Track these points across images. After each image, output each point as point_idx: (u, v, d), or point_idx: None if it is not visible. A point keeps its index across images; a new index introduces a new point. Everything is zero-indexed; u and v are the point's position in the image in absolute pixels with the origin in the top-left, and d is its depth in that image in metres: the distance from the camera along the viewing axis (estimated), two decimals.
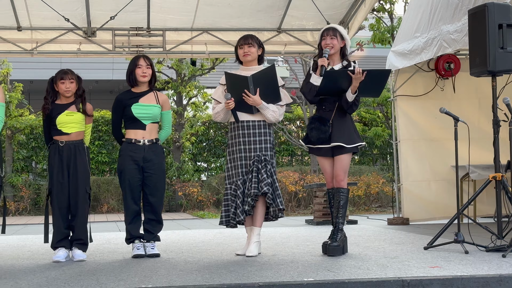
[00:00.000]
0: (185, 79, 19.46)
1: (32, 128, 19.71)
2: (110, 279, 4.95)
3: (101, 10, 9.19)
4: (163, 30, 9.90)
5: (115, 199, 18.61)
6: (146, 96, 6.52)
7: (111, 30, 9.75)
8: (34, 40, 9.76)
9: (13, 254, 6.97)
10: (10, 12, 9.12)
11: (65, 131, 6.29)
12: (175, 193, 18.84)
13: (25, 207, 18.40)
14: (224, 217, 6.32)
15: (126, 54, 10.20)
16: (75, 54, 9.98)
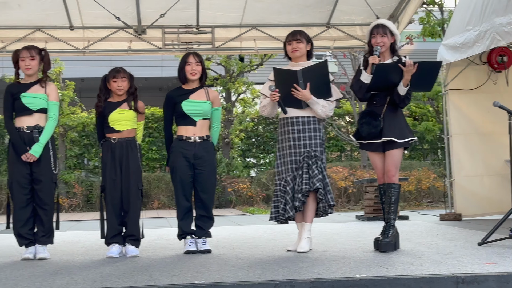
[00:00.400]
0: (233, 76, 19.53)
1: (84, 125, 20.01)
2: (163, 275, 5.00)
3: (151, 8, 9.27)
4: (212, 27, 9.94)
5: (166, 195, 18.79)
6: (197, 92, 6.55)
7: (161, 28, 9.83)
8: (86, 39, 9.90)
9: (68, 250, 7.08)
10: (63, 11, 9.27)
11: (117, 129, 6.37)
12: (224, 189, 18.93)
13: (77, 204, 18.70)
14: (274, 213, 6.33)
15: (175, 52, 10.28)
16: (126, 52, 10.09)
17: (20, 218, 6.25)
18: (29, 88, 6.31)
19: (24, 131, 6.24)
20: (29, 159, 6.18)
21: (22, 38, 9.67)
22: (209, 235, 6.56)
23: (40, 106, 6.28)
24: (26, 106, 6.23)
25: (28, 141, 6.22)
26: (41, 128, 6.28)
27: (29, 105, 6.24)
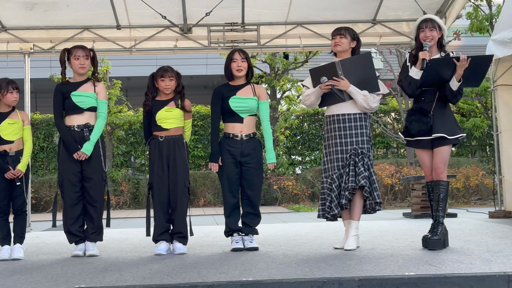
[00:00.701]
0: (278, 73, 19.52)
1: (130, 123, 20.22)
2: (211, 272, 5.02)
3: (196, 7, 9.33)
4: (258, 24, 9.97)
5: (211, 193, 18.89)
6: (243, 89, 6.56)
7: (207, 26, 9.88)
8: (133, 38, 10.01)
9: (117, 247, 7.17)
10: (110, 12, 9.39)
11: (165, 127, 6.42)
12: (270, 186, 18.95)
13: (125, 201, 18.91)
14: (321, 210, 6.31)
15: (221, 50, 10.32)
16: (172, 50, 10.17)
17: (71, 216, 6.35)
18: (79, 87, 6.40)
19: (74, 130, 6.34)
20: (81, 157, 6.28)
21: (70, 38, 9.82)
22: (256, 232, 6.58)
23: (90, 104, 6.37)
24: (76, 105, 6.33)
25: (79, 140, 6.31)
26: (91, 127, 6.37)
27: (80, 104, 6.33)
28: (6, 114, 6.39)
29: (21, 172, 6.34)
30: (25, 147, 6.44)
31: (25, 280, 4.87)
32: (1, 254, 6.27)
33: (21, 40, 9.83)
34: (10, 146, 6.35)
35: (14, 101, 6.39)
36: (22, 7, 9.19)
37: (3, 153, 6.32)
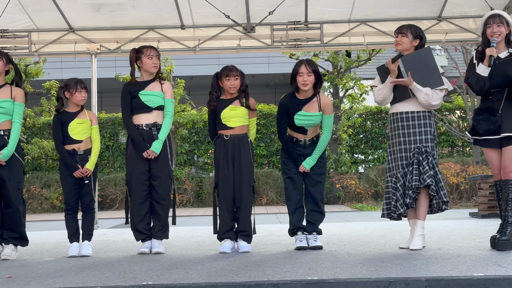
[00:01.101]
0: (341, 71, 19.42)
1: (193, 122, 20.41)
2: (276, 270, 5.04)
3: (260, 6, 9.36)
4: (321, 23, 9.94)
5: (274, 191, 18.92)
6: (310, 104, 6.46)
7: (270, 25, 9.90)
8: (197, 37, 10.10)
9: (182, 245, 7.25)
10: (175, 12, 9.49)
11: (230, 125, 6.45)
12: (332, 185, 18.88)
13: (188, 199, 19.11)
14: (386, 210, 6.27)
15: (284, 49, 10.34)
16: (235, 50, 10.21)
17: (138, 214, 6.45)
18: (147, 86, 6.50)
19: (143, 129, 6.43)
20: (150, 156, 6.37)
21: (135, 38, 9.97)
22: (320, 232, 6.56)
23: (158, 103, 6.46)
24: (145, 104, 6.42)
25: (147, 138, 6.41)
26: (159, 125, 6.46)
27: (148, 103, 6.42)
28: (75, 114, 6.52)
29: (89, 170, 6.47)
30: (93, 146, 6.57)
31: (94, 277, 4.97)
32: (70, 250, 6.41)
33: (88, 40, 10.02)
34: (78, 145, 6.48)
35: (82, 100, 6.52)
36: (89, 8, 9.37)
37: (72, 152, 6.46)
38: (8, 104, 6.33)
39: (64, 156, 6.44)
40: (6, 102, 6.32)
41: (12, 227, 6.37)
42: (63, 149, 6.45)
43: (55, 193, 18.42)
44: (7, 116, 6.33)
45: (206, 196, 19.19)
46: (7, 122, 6.34)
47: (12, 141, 6.30)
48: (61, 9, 9.40)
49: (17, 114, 6.38)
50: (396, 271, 4.80)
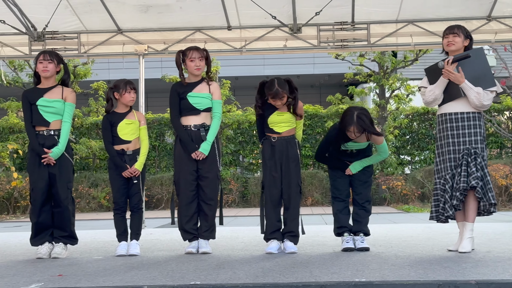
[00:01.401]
0: (387, 72, 19.28)
1: (239, 123, 20.45)
2: (322, 271, 5.03)
3: (306, 7, 9.35)
4: (368, 23, 9.88)
5: (319, 192, 18.86)
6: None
7: (316, 25, 9.88)
8: (243, 38, 10.12)
9: (228, 245, 7.28)
10: (221, 13, 9.54)
11: (276, 130, 6.46)
12: (378, 186, 18.75)
13: (233, 200, 19.16)
14: (434, 212, 6.21)
15: (330, 49, 10.31)
16: (282, 50, 10.21)
17: (186, 214, 6.50)
18: (195, 88, 6.54)
19: (191, 129, 6.48)
20: (199, 157, 6.42)
21: (182, 39, 10.04)
22: (367, 232, 6.53)
23: (206, 106, 6.50)
24: (193, 106, 6.46)
25: (195, 139, 6.45)
26: (207, 126, 6.50)
27: (196, 105, 6.46)
28: (124, 114, 6.60)
29: (138, 171, 6.54)
30: (142, 146, 6.64)
31: (142, 276, 5.03)
32: (119, 249, 6.49)
33: (136, 42, 10.13)
34: (127, 145, 6.56)
35: (131, 101, 6.60)
36: (137, 10, 9.47)
37: (121, 152, 6.54)
38: (59, 104, 6.44)
39: (113, 156, 6.52)
40: (57, 102, 6.43)
41: (62, 226, 6.48)
42: (112, 149, 6.53)
43: (102, 192, 18.65)
44: (57, 116, 6.44)
45: (251, 197, 19.22)
46: (58, 122, 6.44)
47: (62, 141, 6.40)
48: (109, 11, 9.52)
49: (68, 114, 6.48)
50: (445, 274, 4.75)
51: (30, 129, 6.44)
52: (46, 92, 6.47)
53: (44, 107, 6.40)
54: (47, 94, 6.46)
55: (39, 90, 6.51)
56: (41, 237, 6.49)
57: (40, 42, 10.00)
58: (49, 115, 6.41)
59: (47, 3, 9.17)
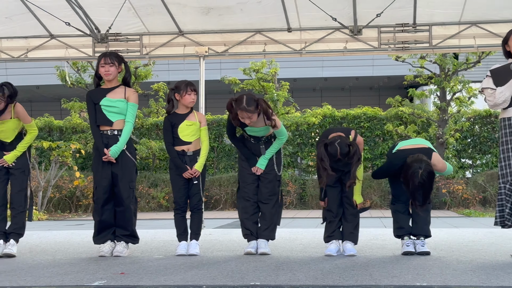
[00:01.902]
0: (448, 74, 19.01)
1: (297, 125, 20.44)
2: (383, 275, 5.00)
3: (367, 8, 9.29)
4: (429, 25, 9.77)
5: (378, 195, 18.72)
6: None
7: (377, 27, 9.81)
8: (303, 40, 10.12)
9: (287, 247, 7.29)
10: (282, 15, 9.56)
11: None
12: (438, 190, 18.51)
13: (291, 201, 19.16)
14: (499, 217, 6.09)
15: (391, 51, 10.23)
16: (341, 52, 10.17)
17: (246, 211, 6.56)
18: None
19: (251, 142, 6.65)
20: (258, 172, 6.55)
21: (243, 41, 10.09)
22: (428, 234, 6.47)
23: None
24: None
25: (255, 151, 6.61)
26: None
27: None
28: (185, 115, 6.67)
29: (198, 171, 6.61)
30: (202, 147, 6.70)
31: (203, 276, 5.07)
32: (179, 249, 6.56)
33: (197, 43, 10.22)
34: (188, 146, 6.63)
35: (192, 102, 6.67)
36: (198, 12, 9.56)
37: (182, 153, 6.61)
38: (122, 104, 6.54)
39: (174, 157, 6.59)
40: (120, 102, 6.54)
41: (124, 225, 6.58)
42: (173, 150, 6.61)
43: (161, 192, 18.87)
44: (120, 115, 6.55)
45: (309, 199, 19.19)
46: (121, 122, 6.55)
47: (122, 139, 6.50)
48: (171, 13, 9.64)
49: (130, 114, 6.59)
50: (508, 279, 4.67)
51: (95, 129, 6.57)
52: (109, 92, 6.59)
53: (108, 106, 6.52)
54: (110, 94, 6.58)
55: (102, 90, 6.63)
56: (104, 235, 6.61)
57: (104, 43, 10.17)
58: (112, 115, 6.52)
59: (110, 6, 9.34)
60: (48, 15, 9.45)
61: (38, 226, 12.82)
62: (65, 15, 9.43)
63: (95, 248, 6.87)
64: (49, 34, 10.20)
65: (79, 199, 18.67)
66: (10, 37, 10.28)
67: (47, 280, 4.95)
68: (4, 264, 5.97)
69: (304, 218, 15.05)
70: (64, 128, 21.46)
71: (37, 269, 5.58)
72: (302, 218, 14.92)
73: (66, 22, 9.46)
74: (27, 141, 6.78)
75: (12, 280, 4.98)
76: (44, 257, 6.58)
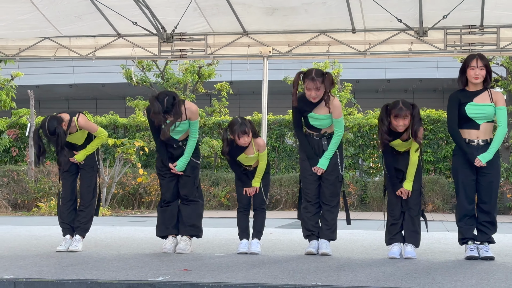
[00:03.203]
0: None
1: (359, 126, 20.32)
2: (446, 279, 4.95)
3: (433, 10, 9.16)
4: (497, 27, 9.57)
5: (440, 198, 18.49)
6: (480, 95, 6.38)
7: (443, 29, 9.66)
8: (367, 41, 10.04)
9: (348, 248, 7.28)
10: (346, 15, 9.50)
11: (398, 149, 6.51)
12: (503, 195, 18.16)
13: (352, 203, 19.06)
14: None
15: (457, 53, 10.07)
16: (406, 54, 10.06)
17: (307, 210, 6.58)
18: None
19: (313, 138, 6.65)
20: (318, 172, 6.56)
21: (307, 42, 10.08)
22: (492, 241, 6.37)
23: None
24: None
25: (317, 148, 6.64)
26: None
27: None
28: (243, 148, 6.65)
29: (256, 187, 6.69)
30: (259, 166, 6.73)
31: (264, 274, 5.11)
32: (240, 247, 6.62)
33: (261, 44, 10.24)
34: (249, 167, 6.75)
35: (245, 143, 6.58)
36: (263, 12, 9.57)
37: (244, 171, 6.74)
38: (185, 125, 6.68)
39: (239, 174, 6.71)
40: (183, 125, 6.66)
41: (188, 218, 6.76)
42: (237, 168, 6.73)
43: (223, 191, 19.01)
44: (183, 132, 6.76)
45: (370, 201, 19.06)
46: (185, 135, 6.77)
47: (187, 153, 6.72)
48: (236, 13, 9.68)
49: (194, 131, 6.76)
50: None
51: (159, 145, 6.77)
52: None
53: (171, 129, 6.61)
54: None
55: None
56: (166, 227, 6.77)
57: (169, 43, 10.28)
58: (177, 134, 6.73)
59: (177, 6, 9.44)
60: (116, 15, 9.61)
61: (102, 221, 13.07)
62: (132, 15, 9.57)
63: (158, 244, 6.98)
64: (116, 33, 10.36)
65: (142, 196, 18.94)
66: (79, 36, 10.49)
67: (112, 274, 5.06)
68: (70, 258, 6.12)
69: (365, 220, 14.96)
70: (128, 125, 21.79)
71: (103, 263, 5.71)
72: (363, 220, 14.84)
73: (133, 22, 9.60)
74: (97, 143, 7.01)
75: (79, 274, 5.10)
76: (109, 251, 6.72)
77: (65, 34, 10.40)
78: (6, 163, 21.45)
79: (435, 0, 8.96)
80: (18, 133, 21.57)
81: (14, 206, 18.13)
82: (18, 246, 7.23)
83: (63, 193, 6.95)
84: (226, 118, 21.57)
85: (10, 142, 21.40)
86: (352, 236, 8.83)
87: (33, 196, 17.97)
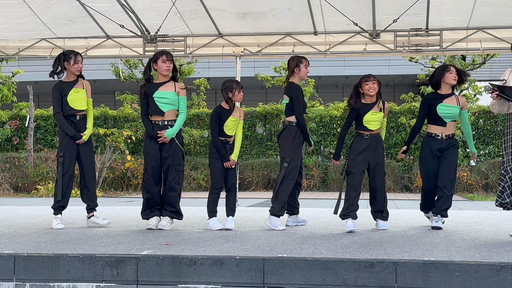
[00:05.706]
0: None
1: (321, 117, 20.35)
2: (395, 250, 4.98)
3: (385, 15, 9.20)
4: (441, 30, 9.65)
5: (391, 180, 18.58)
6: (449, 98, 6.65)
7: (393, 31, 9.72)
8: (328, 42, 10.06)
9: (310, 224, 7.27)
10: (309, 20, 9.51)
11: (370, 128, 6.54)
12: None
13: (315, 184, 19.13)
14: (499, 198, 6.07)
15: (406, 53, 10.13)
16: (361, 53, 10.10)
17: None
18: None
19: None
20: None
21: (274, 43, 10.07)
22: (445, 215, 6.66)
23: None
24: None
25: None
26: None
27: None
28: (230, 112, 6.62)
29: (234, 161, 6.62)
30: (236, 139, 6.69)
31: (237, 248, 5.09)
32: (216, 224, 6.56)
33: (234, 44, 10.21)
34: (230, 138, 6.64)
35: (241, 99, 6.64)
36: (236, 17, 9.54)
37: (224, 141, 6.60)
38: (173, 95, 6.57)
39: (220, 149, 6.54)
40: (171, 94, 6.56)
41: (170, 203, 6.62)
42: (219, 141, 6.57)
43: (201, 174, 18.96)
44: (171, 106, 6.58)
45: (331, 182, 19.14)
46: (171, 112, 6.58)
47: (177, 124, 6.57)
48: (212, 18, 9.63)
49: (182, 106, 6.65)
50: (507, 256, 4.62)
51: (146, 119, 6.62)
52: (161, 86, 6.62)
53: (160, 98, 6.54)
54: (162, 87, 6.61)
55: (154, 85, 6.66)
56: (150, 211, 6.66)
57: (153, 44, 10.21)
58: (164, 105, 6.55)
59: (159, 11, 9.36)
60: (105, 19, 9.52)
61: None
62: (120, 19, 9.48)
63: (143, 222, 6.93)
64: (105, 35, 10.26)
65: (129, 179, 18.83)
66: (72, 37, 10.37)
67: (102, 249, 5.01)
68: (65, 235, 6.06)
69: (326, 199, 15.01)
70: (117, 117, 21.62)
71: (94, 239, 5.66)
72: (324, 199, 14.88)
73: (121, 25, 9.51)
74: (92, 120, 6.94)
75: (72, 249, 5.05)
76: (100, 229, 6.66)
77: (60, 36, 10.29)
78: (8, 150, 21.23)
79: (387, 6, 8.99)
80: (19, 124, 21.36)
81: (15, 188, 17.92)
82: (18, 225, 7.15)
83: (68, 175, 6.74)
84: (204, 110, 21.50)
85: (12, 132, 21.27)
86: (314, 214, 8.85)
87: (32, 180, 17.78)
